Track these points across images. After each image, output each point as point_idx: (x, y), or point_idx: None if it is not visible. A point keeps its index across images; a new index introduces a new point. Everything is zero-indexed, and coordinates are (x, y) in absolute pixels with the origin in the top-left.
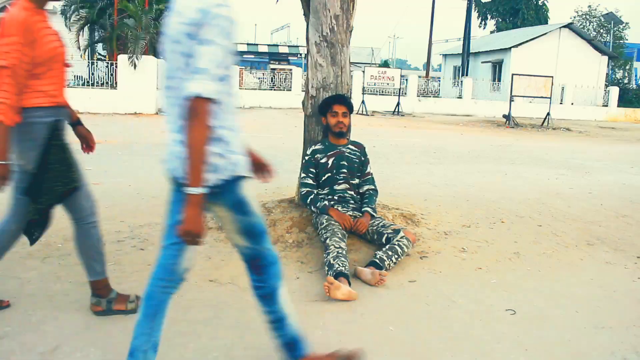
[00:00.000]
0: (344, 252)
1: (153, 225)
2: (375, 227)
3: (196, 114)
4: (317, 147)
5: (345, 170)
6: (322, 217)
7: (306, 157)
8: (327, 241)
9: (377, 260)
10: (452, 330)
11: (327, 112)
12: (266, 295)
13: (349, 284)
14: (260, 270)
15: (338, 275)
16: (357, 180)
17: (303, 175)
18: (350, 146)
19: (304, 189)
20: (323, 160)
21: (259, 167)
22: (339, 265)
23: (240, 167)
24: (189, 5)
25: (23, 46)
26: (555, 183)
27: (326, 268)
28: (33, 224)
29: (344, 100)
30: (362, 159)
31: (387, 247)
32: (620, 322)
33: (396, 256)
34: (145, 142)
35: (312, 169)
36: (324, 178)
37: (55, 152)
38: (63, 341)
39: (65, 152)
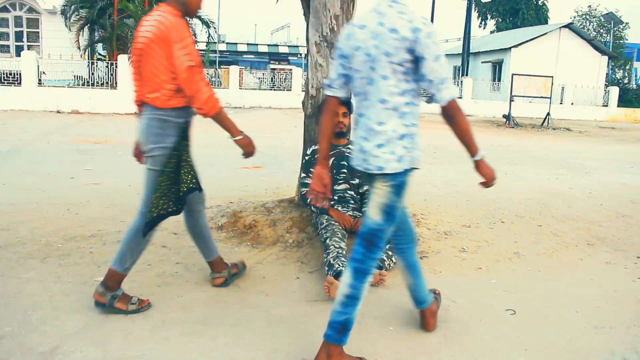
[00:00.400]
0: (344, 252)
1: None
2: None
3: (457, 110)
4: (318, 147)
5: (345, 171)
6: (322, 217)
7: (306, 157)
8: (327, 241)
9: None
10: (452, 330)
11: None
12: (360, 271)
13: None
14: (371, 248)
15: (338, 275)
16: (357, 181)
17: (303, 175)
18: (350, 146)
19: (304, 189)
20: None
21: None
22: (339, 265)
23: (417, 161)
24: (402, 25)
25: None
26: (555, 183)
27: (326, 268)
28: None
29: (344, 101)
30: None
31: (386, 247)
32: (620, 322)
33: (396, 256)
34: None
35: (312, 169)
36: None
37: (186, 151)
38: (63, 341)
39: (189, 152)
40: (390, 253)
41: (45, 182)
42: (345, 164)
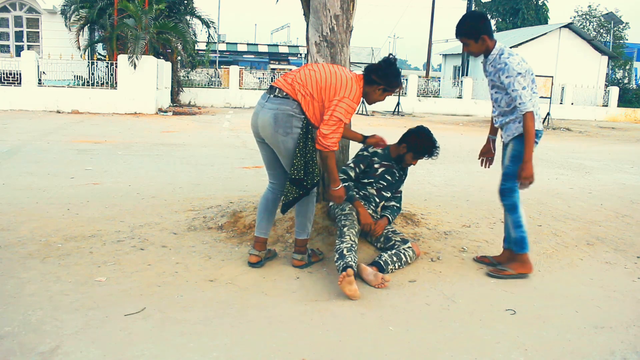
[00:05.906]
0: (355, 248)
1: (153, 225)
2: (385, 231)
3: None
4: (379, 150)
5: (385, 183)
6: (347, 204)
7: (364, 153)
8: (345, 229)
9: (382, 263)
10: (452, 330)
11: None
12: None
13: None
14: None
15: (346, 267)
16: (388, 194)
17: (351, 165)
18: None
19: (342, 175)
20: (376, 165)
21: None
22: (350, 258)
23: None
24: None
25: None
26: (555, 183)
27: (336, 255)
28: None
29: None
30: (404, 177)
31: (392, 251)
32: (620, 322)
33: (399, 263)
34: (145, 142)
35: (362, 165)
36: (364, 180)
37: (311, 143)
38: (63, 341)
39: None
40: (395, 259)
41: (45, 182)
42: (389, 178)
